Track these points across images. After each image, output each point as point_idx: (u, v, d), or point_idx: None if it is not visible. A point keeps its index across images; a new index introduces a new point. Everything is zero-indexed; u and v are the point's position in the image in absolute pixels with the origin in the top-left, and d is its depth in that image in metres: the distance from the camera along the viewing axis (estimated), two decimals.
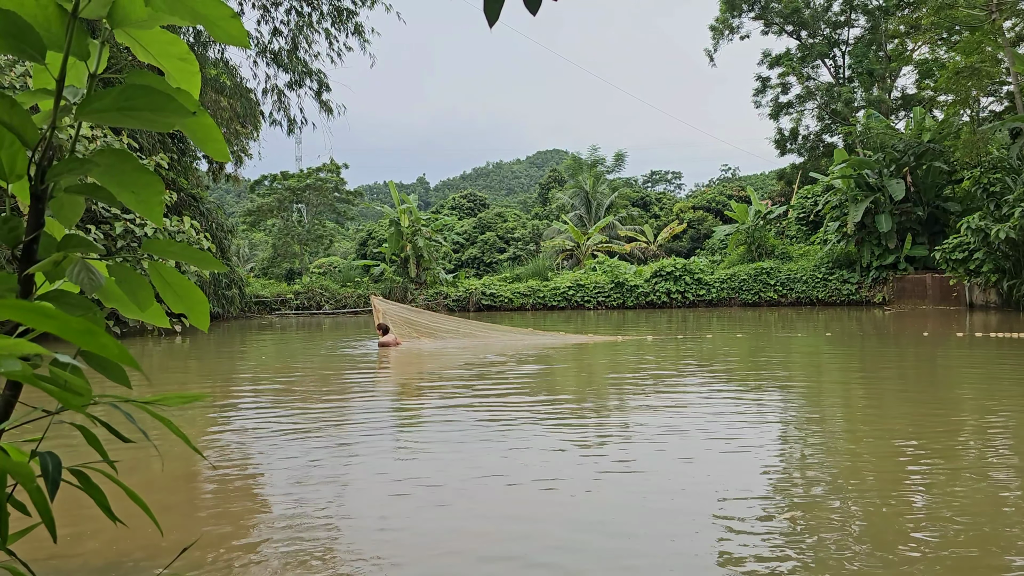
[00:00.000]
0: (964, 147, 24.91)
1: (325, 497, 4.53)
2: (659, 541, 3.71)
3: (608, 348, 14.30)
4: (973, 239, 24.11)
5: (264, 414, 7.65)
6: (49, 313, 0.76)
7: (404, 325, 15.51)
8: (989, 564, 3.34)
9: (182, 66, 1.37)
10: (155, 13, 1.20)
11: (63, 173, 1.13)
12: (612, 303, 31.65)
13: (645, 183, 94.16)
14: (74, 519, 3.94)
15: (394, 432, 6.76)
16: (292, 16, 25.85)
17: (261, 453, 5.85)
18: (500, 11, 1.32)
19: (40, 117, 1.22)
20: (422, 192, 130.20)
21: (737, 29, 43.98)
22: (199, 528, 3.98)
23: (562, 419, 7.07)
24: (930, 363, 11.83)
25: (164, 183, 4.88)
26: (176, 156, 23.17)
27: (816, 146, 43.93)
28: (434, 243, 34.54)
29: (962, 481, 4.67)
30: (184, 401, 1.10)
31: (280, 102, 27.96)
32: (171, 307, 1.39)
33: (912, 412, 7.25)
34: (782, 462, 5.38)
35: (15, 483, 1.01)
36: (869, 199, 28.46)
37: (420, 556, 3.55)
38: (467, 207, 64.62)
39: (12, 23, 1.08)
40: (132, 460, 5.42)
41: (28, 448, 1.11)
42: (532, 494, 4.55)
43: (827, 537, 3.70)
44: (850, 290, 29.98)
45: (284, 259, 48.05)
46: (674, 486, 4.65)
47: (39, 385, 0.96)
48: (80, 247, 1.17)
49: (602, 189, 49.74)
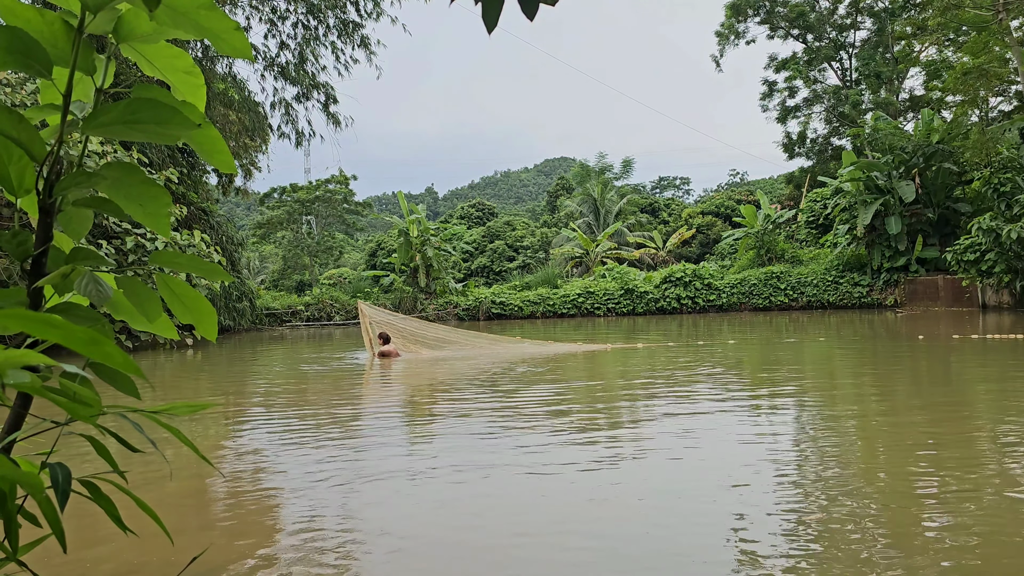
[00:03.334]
0: (974, 148, 24.80)
1: (336, 508, 4.53)
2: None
3: (623, 356, 14.26)
4: (984, 240, 23.97)
5: (274, 425, 7.67)
6: (55, 323, 0.77)
7: (395, 334, 14.98)
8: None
9: (187, 79, 1.38)
10: (160, 28, 1.21)
11: (71, 187, 1.14)
12: (622, 310, 31.59)
13: (653, 189, 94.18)
14: (84, 529, 3.96)
15: (407, 444, 6.76)
16: (299, 30, 26.07)
17: (271, 464, 5.86)
18: (498, 18, 1.33)
19: (48, 132, 1.23)
20: (431, 202, 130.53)
21: (743, 34, 44.04)
22: (209, 537, 3.99)
23: (578, 428, 7.05)
24: (950, 364, 11.75)
25: (174, 197, 4.88)
26: (186, 170, 23.32)
27: (824, 149, 43.85)
28: (443, 252, 34.60)
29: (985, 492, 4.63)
30: (192, 410, 1.11)
31: (288, 115, 28.20)
32: (179, 318, 1.40)
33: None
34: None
35: (26, 494, 1.02)
36: (879, 201, 28.34)
37: (436, 571, 3.55)
38: (476, 216, 64.78)
39: (19, 40, 1.10)
40: (142, 471, 5.44)
41: (39, 460, 1.12)
42: (546, 506, 4.54)
43: (850, 544, 3.68)
44: (861, 293, 29.82)
45: (294, 271, 48.27)
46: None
47: (49, 397, 0.97)
48: (88, 260, 1.18)
49: (610, 196, 49.77)
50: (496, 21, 1.34)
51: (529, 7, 1.35)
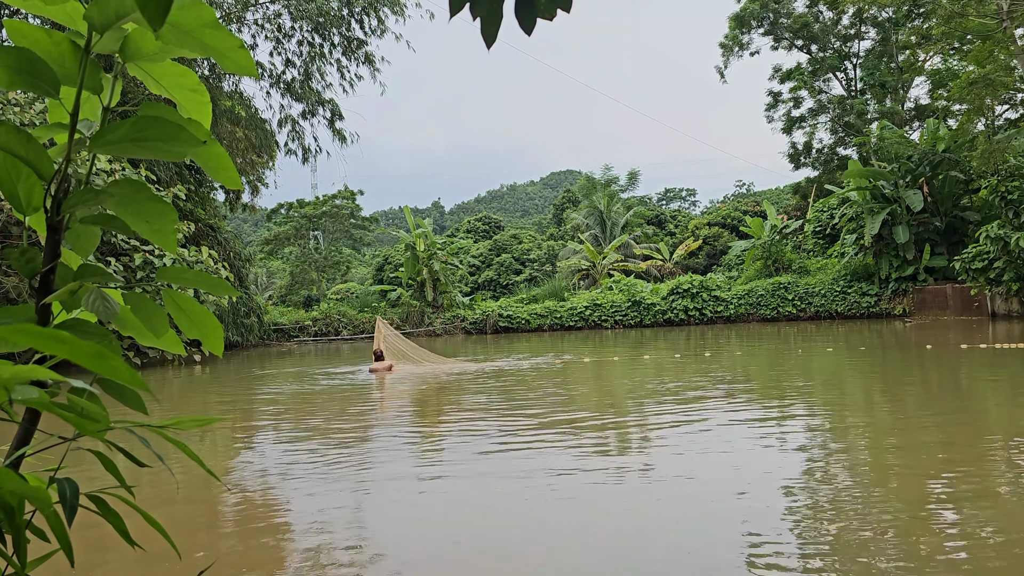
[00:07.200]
0: (981, 157, 24.73)
1: (344, 521, 4.52)
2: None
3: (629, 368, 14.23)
4: (993, 248, 23.87)
5: (281, 439, 7.67)
6: (62, 339, 0.77)
7: (397, 354, 16.06)
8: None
9: (193, 97, 1.39)
10: (165, 47, 1.23)
11: (78, 204, 1.16)
12: (629, 322, 31.54)
13: (659, 201, 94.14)
14: (92, 544, 3.96)
15: (414, 457, 6.75)
16: (304, 47, 26.23)
17: (278, 478, 5.86)
18: (497, 33, 1.34)
19: (56, 151, 1.25)
20: (437, 216, 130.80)
21: (747, 46, 44.08)
22: (215, 551, 3.99)
23: (581, 439, 7.03)
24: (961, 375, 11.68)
25: (181, 214, 4.93)
26: (193, 187, 23.44)
27: (830, 159, 43.75)
28: (450, 266, 34.63)
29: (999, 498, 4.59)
30: (198, 424, 1.12)
31: (294, 131, 28.34)
32: (185, 333, 1.40)
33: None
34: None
35: (34, 509, 1.03)
36: (886, 211, 28.26)
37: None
38: (482, 230, 64.86)
39: (28, 60, 1.11)
40: (150, 487, 5.44)
41: (48, 475, 1.13)
42: (558, 517, 4.53)
43: (865, 552, 3.65)
44: (869, 303, 29.69)
45: (302, 286, 48.38)
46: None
47: (57, 412, 0.98)
48: (96, 276, 1.19)
49: (616, 208, 49.78)
50: (495, 36, 1.35)
51: (527, 22, 1.37)
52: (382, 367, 14.98)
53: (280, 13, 25.48)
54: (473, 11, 1.48)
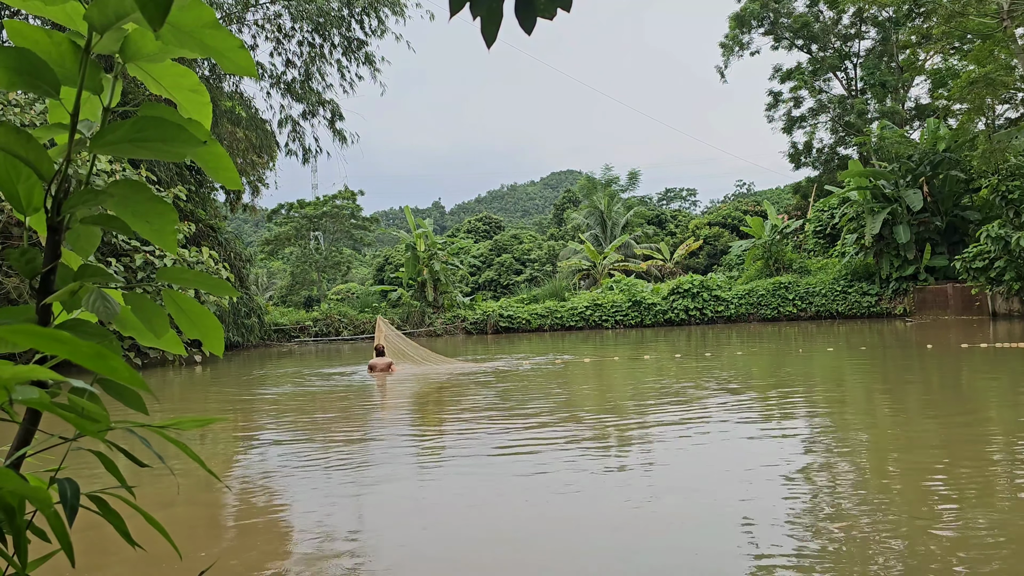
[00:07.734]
0: (981, 157, 24.72)
1: (344, 521, 4.52)
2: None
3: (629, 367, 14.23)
4: (993, 247, 23.86)
5: (281, 440, 7.67)
6: (63, 339, 0.78)
7: (398, 353, 15.93)
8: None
9: (193, 97, 1.39)
10: (165, 47, 1.23)
11: (78, 205, 1.16)
12: (630, 322, 31.53)
13: (660, 201, 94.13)
14: (93, 544, 3.96)
15: (414, 457, 6.75)
16: (304, 48, 26.24)
17: (278, 478, 5.86)
18: (497, 33, 1.34)
19: (56, 151, 1.25)
20: (438, 216, 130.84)
21: (747, 45, 44.08)
22: (215, 552, 3.99)
23: (582, 439, 7.03)
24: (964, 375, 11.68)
25: (182, 214, 4.94)
26: (194, 188, 23.43)
27: (831, 159, 43.72)
28: (451, 267, 34.62)
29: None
30: (199, 424, 1.12)
31: (295, 132, 28.36)
32: (185, 333, 1.40)
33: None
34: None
35: (35, 509, 1.03)
36: (886, 210, 28.24)
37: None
38: (483, 230, 64.90)
39: (28, 61, 1.11)
40: (151, 486, 5.44)
41: (48, 475, 1.13)
42: (560, 521, 4.53)
43: (867, 555, 3.65)
44: (870, 302, 29.67)
45: (302, 287, 48.41)
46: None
47: (57, 412, 0.98)
48: (96, 277, 1.20)
49: (617, 208, 49.78)
50: (495, 36, 1.35)
51: (527, 21, 1.37)
52: (382, 364, 14.90)
53: (280, 13, 25.49)
54: (473, 11, 1.48)
